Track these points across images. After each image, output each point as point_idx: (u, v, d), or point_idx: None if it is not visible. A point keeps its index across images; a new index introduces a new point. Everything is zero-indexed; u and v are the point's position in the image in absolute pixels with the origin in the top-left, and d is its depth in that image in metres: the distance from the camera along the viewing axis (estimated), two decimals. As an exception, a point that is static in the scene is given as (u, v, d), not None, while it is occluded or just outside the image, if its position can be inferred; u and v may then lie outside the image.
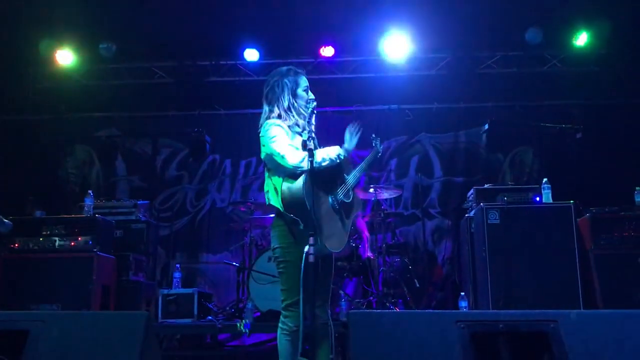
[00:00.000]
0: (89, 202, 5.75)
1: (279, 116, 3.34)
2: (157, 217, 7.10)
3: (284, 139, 3.22)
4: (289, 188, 3.16)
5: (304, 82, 3.41)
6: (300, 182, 3.12)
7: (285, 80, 3.38)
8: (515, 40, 6.87)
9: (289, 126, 3.31)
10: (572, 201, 5.23)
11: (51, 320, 2.67)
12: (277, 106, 3.35)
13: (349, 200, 3.38)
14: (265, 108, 3.42)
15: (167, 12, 6.46)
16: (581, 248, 5.09)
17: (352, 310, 3.74)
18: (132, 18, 6.54)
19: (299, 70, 3.47)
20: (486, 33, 6.80)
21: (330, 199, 3.28)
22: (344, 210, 3.33)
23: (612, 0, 6.08)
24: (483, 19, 6.48)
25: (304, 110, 3.34)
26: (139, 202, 6.36)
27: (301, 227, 3.10)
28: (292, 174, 3.17)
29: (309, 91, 3.41)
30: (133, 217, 6.22)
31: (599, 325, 2.22)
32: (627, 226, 5.15)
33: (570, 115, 6.98)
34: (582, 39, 6.81)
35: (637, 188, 5.38)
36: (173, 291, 5.72)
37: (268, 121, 3.32)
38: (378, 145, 3.73)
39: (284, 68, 3.46)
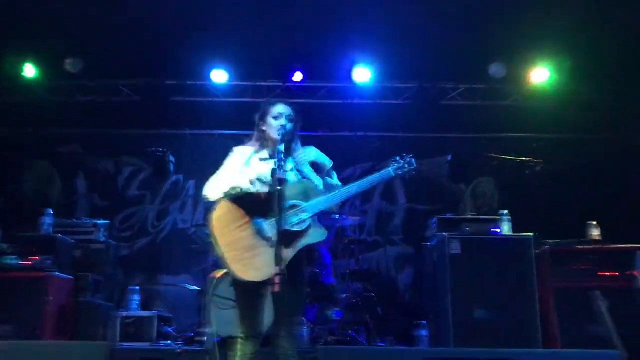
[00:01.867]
0: (48, 220, 5.62)
1: (254, 143, 3.37)
2: (117, 237, 6.97)
3: (225, 167, 3.31)
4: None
5: (276, 109, 3.39)
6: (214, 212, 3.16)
7: (262, 107, 3.44)
8: (480, 73, 7.05)
9: (257, 152, 3.33)
10: (532, 234, 5.34)
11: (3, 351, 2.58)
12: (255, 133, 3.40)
13: (300, 229, 3.14)
14: None
15: (137, 30, 6.41)
16: (540, 280, 5.19)
17: (321, 346, 3.72)
18: (100, 34, 6.46)
19: (277, 100, 3.47)
20: (451, 65, 6.96)
21: (258, 226, 3.12)
22: (285, 238, 3.04)
23: (572, 39, 6.30)
24: (449, 52, 6.63)
25: (273, 137, 3.34)
26: (99, 222, 6.24)
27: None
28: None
29: (283, 118, 3.36)
30: (93, 237, 6.09)
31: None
32: (583, 259, 5.27)
33: (531, 148, 7.17)
34: (543, 75, 7.04)
35: (592, 222, 5.54)
36: (132, 314, 5.61)
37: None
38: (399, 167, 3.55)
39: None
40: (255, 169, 3.24)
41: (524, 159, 6.31)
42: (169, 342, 5.56)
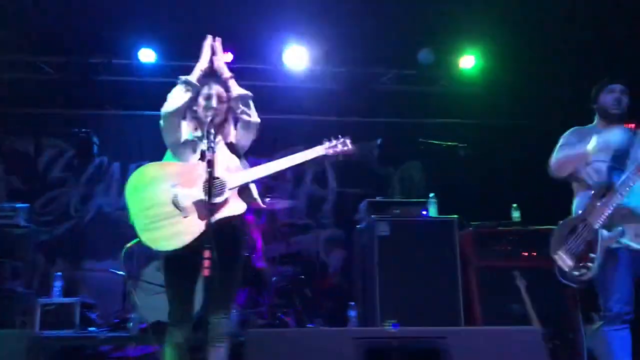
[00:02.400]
0: (-40, 204, 5.32)
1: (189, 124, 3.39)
2: (37, 221, 6.67)
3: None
4: None
5: (206, 89, 3.40)
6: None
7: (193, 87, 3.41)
8: (409, 59, 7.15)
9: (194, 129, 3.36)
10: (456, 216, 5.50)
11: None
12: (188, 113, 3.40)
13: (216, 201, 3.09)
14: None
15: (59, 4, 6.12)
16: (463, 261, 5.37)
17: (250, 329, 3.70)
18: (19, 8, 6.13)
19: (208, 80, 3.46)
20: (382, 51, 7.03)
21: (172, 193, 3.11)
22: (198, 209, 3.08)
23: (499, 26, 6.48)
24: (379, 37, 6.70)
25: (202, 118, 3.34)
26: (17, 206, 5.95)
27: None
28: None
29: (213, 99, 3.35)
30: (12, 222, 5.80)
31: (483, 341, 2.36)
32: (505, 240, 5.48)
33: (457, 133, 7.36)
34: (469, 62, 7.23)
35: (513, 205, 5.76)
36: (53, 300, 5.40)
37: None
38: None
39: None
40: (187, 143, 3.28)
41: (450, 143, 6.46)
42: (92, 328, 5.40)
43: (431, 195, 5.73)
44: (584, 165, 3.72)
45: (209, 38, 3.58)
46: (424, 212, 5.65)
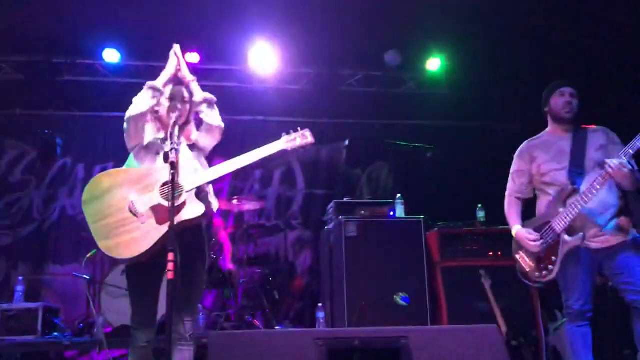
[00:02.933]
0: None
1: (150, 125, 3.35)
2: (-2, 224, 6.53)
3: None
4: None
5: (170, 90, 3.40)
6: None
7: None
8: (376, 61, 7.20)
9: (157, 130, 3.34)
10: (422, 216, 5.56)
11: None
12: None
13: (176, 204, 2.96)
14: None
15: (20, 3, 5.98)
16: (430, 261, 5.42)
17: (212, 331, 3.68)
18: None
19: (175, 80, 3.47)
20: (349, 52, 7.07)
21: (128, 200, 3.08)
22: (155, 214, 3.06)
23: (464, 28, 6.57)
24: (347, 39, 6.73)
25: (166, 119, 3.33)
26: (-23, 208, 5.82)
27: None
28: None
29: (177, 101, 3.35)
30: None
31: (444, 339, 2.39)
32: (470, 240, 5.55)
33: (424, 134, 7.44)
34: (435, 64, 7.31)
35: (478, 205, 5.84)
36: (14, 306, 5.28)
37: None
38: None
39: None
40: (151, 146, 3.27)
41: (417, 145, 6.53)
42: (56, 334, 5.30)
43: (398, 196, 5.78)
44: (539, 180, 3.80)
45: (176, 46, 3.55)
46: (391, 213, 5.69)
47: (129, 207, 3.07)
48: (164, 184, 3.09)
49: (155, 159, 3.27)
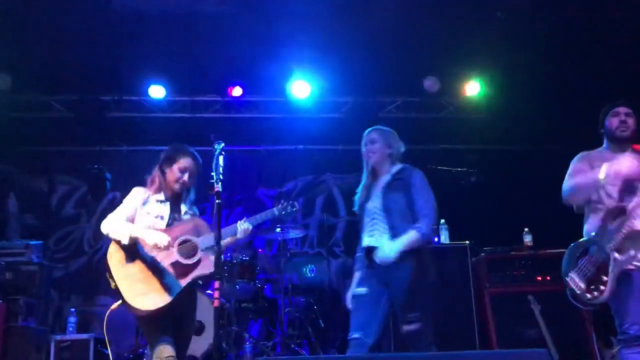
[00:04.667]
0: (-25, 242, 5.38)
1: (153, 184, 3.63)
2: (50, 257, 6.72)
3: (123, 205, 3.57)
4: None
5: (184, 162, 3.59)
6: None
7: (171, 150, 3.66)
8: (415, 87, 7.22)
9: (155, 193, 3.59)
10: (467, 242, 5.49)
11: None
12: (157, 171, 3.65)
13: (191, 262, 3.43)
14: None
15: (69, 44, 6.26)
16: (477, 287, 5.34)
17: (258, 358, 3.73)
18: (31, 49, 6.27)
19: (187, 151, 3.64)
20: (387, 79, 7.11)
21: (149, 259, 3.41)
22: (175, 270, 3.41)
23: (503, 53, 6.55)
24: (385, 66, 6.78)
25: (172, 186, 3.58)
26: (31, 243, 6.00)
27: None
28: None
29: (186, 174, 3.56)
30: (24, 259, 5.85)
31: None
32: (517, 265, 5.45)
33: (465, 159, 7.38)
34: (474, 88, 7.28)
35: (525, 229, 5.74)
36: (67, 337, 5.42)
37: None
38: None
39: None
40: (152, 210, 3.54)
41: (459, 169, 6.48)
42: (106, 364, 5.39)
43: (442, 221, 5.73)
44: (595, 189, 3.71)
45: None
46: (436, 239, 5.65)
47: (150, 264, 3.38)
48: (182, 242, 3.44)
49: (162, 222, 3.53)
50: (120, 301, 3.38)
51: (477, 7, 5.96)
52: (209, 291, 5.54)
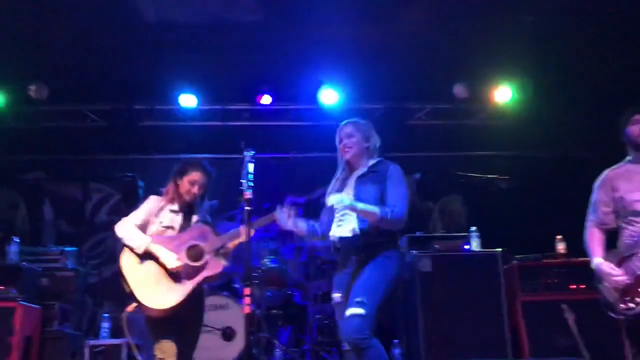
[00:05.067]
0: (13, 248, 5.50)
1: (168, 194, 3.81)
2: (85, 264, 6.85)
3: (138, 211, 3.76)
4: None
5: (194, 176, 3.77)
6: None
7: (183, 165, 3.84)
8: (444, 93, 7.19)
9: (169, 202, 3.78)
10: (499, 249, 5.43)
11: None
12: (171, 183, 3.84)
13: (199, 264, 3.63)
14: None
15: (102, 54, 6.41)
16: (509, 295, 5.27)
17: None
18: (66, 60, 6.44)
19: (198, 165, 3.83)
20: (416, 86, 7.09)
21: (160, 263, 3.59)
22: (184, 272, 3.60)
23: (534, 58, 6.49)
24: (413, 73, 6.77)
25: (184, 197, 3.77)
26: (66, 249, 6.13)
27: None
28: None
29: (196, 186, 3.75)
30: (60, 265, 5.98)
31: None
32: (550, 273, 5.36)
33: (496, 165, 7.31)
34: (506, 94, 7.21)
35: (558, 236, 5.65)
36: (101, 342, 5.51)
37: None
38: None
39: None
40: (164, 219, 3.74)
41: (490, 176, 6.43)
42: (139, 369, 5.47)
43: (472, 228, 5.67)
44: (622, 210, 3.65)
45: None
46: (466, 246, 5.59)
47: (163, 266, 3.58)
48: (190, 247, 3.65)
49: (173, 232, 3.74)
50: (135, 303, 3.58)
51: (507, 12, 5.91)
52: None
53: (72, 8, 5.72)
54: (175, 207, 3.80)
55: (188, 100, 7.17)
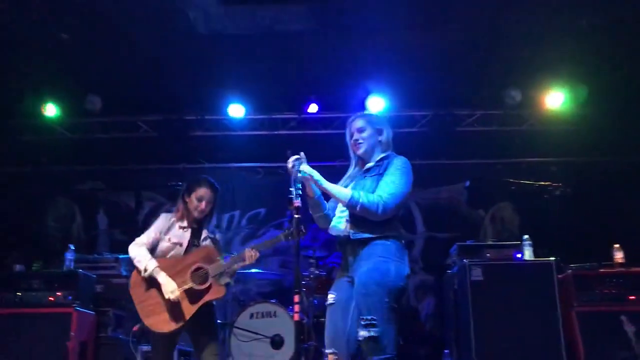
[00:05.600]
0: (69, 256, 5.66)
1: (178, 211, 3.98)
2: (138, 271, 6.98)
3: (150, 230, 3.92)
4: None
5: (200, 192, 3.91)
6: None
7: (190, 183, 4.00)
8: (495, 99, 7.06)
9: (178, 219, 3.94)
10: (553, 258, 5.27)
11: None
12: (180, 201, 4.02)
13: (202, 287, 3.75)
14: None
15: (154, 67, 6.56)
16: (563, 306, 5.10)
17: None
18: (119, 72, 6.62)
19: (203, 182, 3.96)
20: (466, 92, 6.99)
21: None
22: (189, 296, 3.73)
23: (587, 63, 6.31)
24: (463, 79, 6.68)
25: (193, 214, 3.92)
26: (120, 257, 6.28)
27: None
28: None
29: (203, 202, 3.89)
30: (114, 272, 6.12)
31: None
32: (607, 282, 5.17)
33: (549, 172, 7.12)
34: (558, 100, 7.03)
35: (615, 245, 5.45)
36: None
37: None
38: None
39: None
40: (173, 236, 3.90)
41: (543, 183, 6.26)
42: (190, 375, 5.54)
43: (525, 237, 5.53)
44: None
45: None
46: (518, 255, 5.45)
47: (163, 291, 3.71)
48: (195, 270, 3.77)
49: (181, 248, 3.89)
50: (139, 324, 3.83)
51: (558, 16, 5.77)
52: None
53: (124, 22, 5.88)
54: (185, 223, 3.94)
55: (236, 111, 7.27)
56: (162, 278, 3.72)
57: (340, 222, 3.34)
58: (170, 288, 3.69)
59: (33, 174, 7.47)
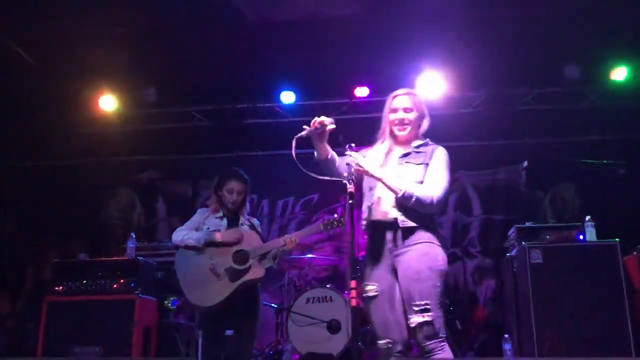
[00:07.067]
0: (131, 244, 5.84)
1: (213, 203, 4.27)
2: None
3: (189, 221, 4.26)
4: None
5: (230, 184, 4.20)
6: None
7: (220, 176, 4.30)
8: (553, 76, 6.82)
9: (214, 211, 4.23)
10: (617, 239, 5.08)
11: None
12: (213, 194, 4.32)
13: (243, 267, 3.95)
14: None
15: (206, 57, 6.64)
16: (629, 288, 4.92)
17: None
18: (173, 64, 6.73)
19: (234, 174, 4.25)
20: (523, 70, 6.77)
21: (210, 263, 3.96)
22: (229, 274, 3.94)
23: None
24: (519, 56, 6.47)
25: (226, 205, 4.19)
26: (179, 244, 6.43)
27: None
28: None
29: (235, 194, 4.16)
30: (174, 259, 6.26)
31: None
32: (676, 264, 4.97)
33: (612, 150, 6.85)
34: (621, 74, 6.74)
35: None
36: (213, 333, 5.71)
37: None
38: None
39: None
40: (211, 225, 4.15)
41: (605, 162, 6.02)
42: (249, 360, 5.63)
43: (587, 218, 5.34)
44: None
45: None
46: (581, 237, 5.29)
47: (210, 268, 3.95)
48: (236, 252, 3.98)
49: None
50: (175, 297, 4.19)
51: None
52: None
53: (176, 14, 5.97)
54: (220, 214, 4.22)
55: (287, 97, 7.29)
56: (218, 235, 4.01)
57: (385, 206, 3.25)
58: (229, 232, 4.01)
59: (92, 165, 7.71)
